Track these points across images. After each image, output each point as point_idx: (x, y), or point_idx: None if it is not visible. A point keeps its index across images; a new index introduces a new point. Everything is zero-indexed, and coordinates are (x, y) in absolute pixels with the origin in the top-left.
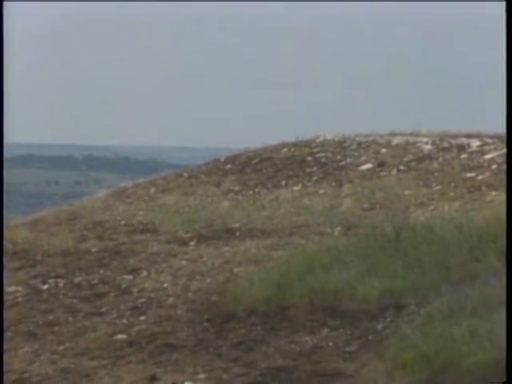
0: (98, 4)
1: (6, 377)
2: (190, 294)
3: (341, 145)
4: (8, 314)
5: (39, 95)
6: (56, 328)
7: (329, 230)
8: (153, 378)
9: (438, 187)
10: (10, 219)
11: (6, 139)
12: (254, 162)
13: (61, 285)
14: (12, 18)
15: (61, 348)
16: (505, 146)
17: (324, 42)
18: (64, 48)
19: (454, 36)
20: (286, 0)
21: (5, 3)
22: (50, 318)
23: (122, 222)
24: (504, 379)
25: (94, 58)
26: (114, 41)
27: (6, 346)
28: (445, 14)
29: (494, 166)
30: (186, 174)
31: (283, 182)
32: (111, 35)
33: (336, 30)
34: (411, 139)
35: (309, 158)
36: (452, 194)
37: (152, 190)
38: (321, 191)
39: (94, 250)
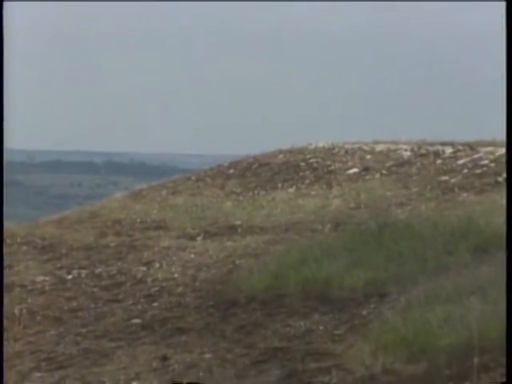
0: (105, 4)
1: (34, 356)
2: (197, 284)
3: (330, 151)
4: (36, 301)
5: (65, 108)
6: (79, 313)
7: (320, 227)
8: (164, 357)
9: (416, 189)
10: (38, 218)
11: (40, 147)
12: (253, 167)
13: (83, 275)
14: (12, 18)
15: (83, 331)
16: (475, 153)
17: (321, 53)
18: (77, 60)
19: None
20: (286, 0)
21: (5, 3)
22: (74, 304)
23: (138, 220)
24: (474, 359)
25: (107, 69)
26: (126, 53)
27: (35, 329)
28: (439, 22)
29: (466, 171)
30: (193, 178)
31: (280, 185)
32: (120, 47)
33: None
34: (392, 147)
35: (302, 164)
36: (428, 195)
37: (164, 192)
38: (313, 193)
39: (112, 244)
